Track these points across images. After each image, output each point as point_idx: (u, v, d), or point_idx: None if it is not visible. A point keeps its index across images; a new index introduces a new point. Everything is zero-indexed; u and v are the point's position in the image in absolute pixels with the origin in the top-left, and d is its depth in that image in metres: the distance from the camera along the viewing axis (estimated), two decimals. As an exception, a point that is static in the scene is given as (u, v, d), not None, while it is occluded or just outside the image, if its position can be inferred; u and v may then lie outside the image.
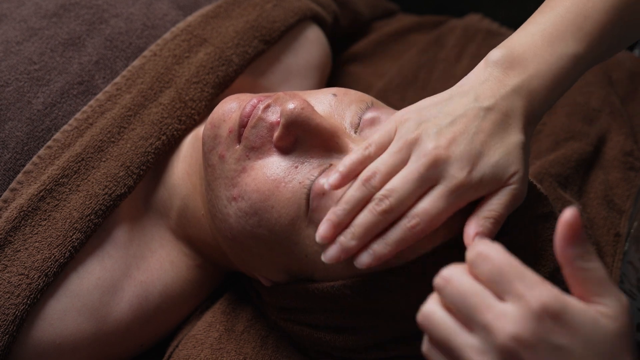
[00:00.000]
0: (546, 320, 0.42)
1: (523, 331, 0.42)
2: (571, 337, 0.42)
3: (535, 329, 0.42)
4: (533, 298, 0.42)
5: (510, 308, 0.43)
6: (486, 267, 0.44)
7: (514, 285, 0.43)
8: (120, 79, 0.75)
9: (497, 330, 0.42)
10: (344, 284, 0.58)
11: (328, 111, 0.63)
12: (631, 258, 0.81)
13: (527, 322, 0.42)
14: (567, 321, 0.42)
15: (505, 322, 0.42)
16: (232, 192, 0.62)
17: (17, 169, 0.69)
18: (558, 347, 0.42)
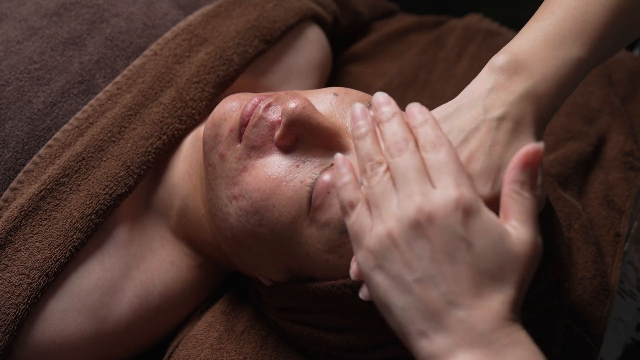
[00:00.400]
0: (460, 212, 0.48)
1: (436, 210, 0.48)
2: (476, 235, 0.48)
3: (446, 215, 0.48)
4: (456, 191, 0.48)
5: (435, 192, 0.49)
6: (434, 156, 0.50)
7: (447, 178, 0.49)
8: (120, 78, 0.75)
9: (416, 202, 0.48)
10: (344, 283, 0.58)
11: (329, 110, 0.63)
12: (631, 258, 0.81)
13: (441, 206, 0.48)
14: (478, 221, 0.48)
15: (425, 199, 0.48)
16: (233, 191, 0.62)
17: (17, 168, 0.69)
18: (462, 237, 0.47)
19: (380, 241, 0.49)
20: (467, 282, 0.47)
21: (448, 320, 0.47)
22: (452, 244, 0.48)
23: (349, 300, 0.59)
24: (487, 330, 0.47)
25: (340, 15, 1.00)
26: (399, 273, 0.48)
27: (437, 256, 0.48)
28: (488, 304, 0.47)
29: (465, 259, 0.47)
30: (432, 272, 0.48)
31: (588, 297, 0.75)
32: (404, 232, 0.48)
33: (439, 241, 0.48)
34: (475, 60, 1.03)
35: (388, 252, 0.49)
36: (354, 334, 0.61)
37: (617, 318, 0.76)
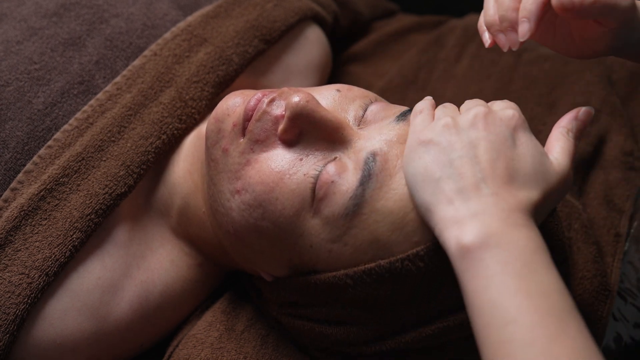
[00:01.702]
0: (514, 121, 0.57)
1: (496, 113, 0.57)
2: (522, 142, 0.56)
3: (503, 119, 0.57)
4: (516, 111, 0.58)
5: (509, 105, 0.59)
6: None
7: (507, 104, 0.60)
8: (120, 79, 0.75)
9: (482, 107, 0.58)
10: (346, 274, 0.58)
11: (332, 106, 0.63)
12: (631, 258, 0.81)
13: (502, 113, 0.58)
14: (527, 135, 0.57)
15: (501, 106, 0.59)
16: (236, 185, 0.62)
17: (17, 169, 0.69)
18: (510, 137, 0.56)
19: (443, 123, 0.57)
20: (502, 170, 0.54)
21: (475, 194, 0.53)
22: (500, 138, 0.55)
23: (350, 292, 0.59)
24: (508, 209, 0.52)
25: (340, 15, 1.00)
26: (448, 148, 0.55)
27: (484, 143, 0.55)
28: (514, 193, 0.53)
29: (507, 154, 0.55)
30: (474, 154, 0.55)
31: (588, 296, 0.75)
32: (466, 121, 0.57)
33: (491, 133, 0.55)
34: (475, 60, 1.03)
35: (446, 131, 0.56)
36: (355, 326, 0.61)
37: (617, 318, 0.76)
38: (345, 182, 0.58)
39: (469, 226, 0.51)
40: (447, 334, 0.59)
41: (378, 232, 0.57)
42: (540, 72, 0.99)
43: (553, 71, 0.99)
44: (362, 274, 0.58)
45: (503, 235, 0.51)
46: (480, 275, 0.50)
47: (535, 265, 0.50)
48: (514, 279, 0.49)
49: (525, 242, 0.51)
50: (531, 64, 1.01)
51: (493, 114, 0.57)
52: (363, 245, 0.58)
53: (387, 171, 0.58)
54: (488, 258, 0.50)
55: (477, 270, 0.50)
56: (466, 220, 0.52)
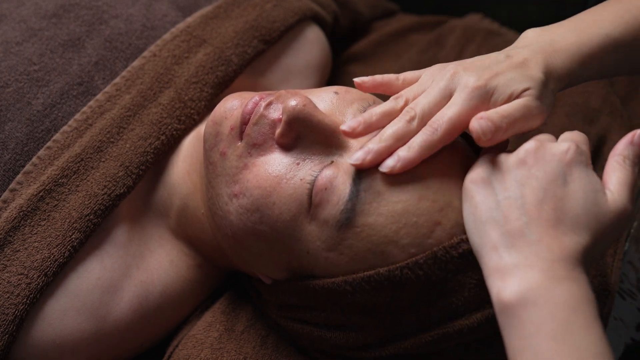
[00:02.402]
0: (569, 155, 0.54)
1: (547, 147, 0.54)
2: (574, 178, 0.53)
3: (561, 158, 0.53)
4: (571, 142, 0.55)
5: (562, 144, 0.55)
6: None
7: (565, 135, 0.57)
8: (119, 80, 0.75)
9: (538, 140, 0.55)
10: (344, 280, 0.58)
11: (329, 109, 0.63)
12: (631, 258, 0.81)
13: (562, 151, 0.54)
14: (581, 169, 0.53)
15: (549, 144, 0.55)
16: (234, 189, 0.62)
17: (16, 170, 0.69)
18: (561, 174, 0.53)
19: (489, 166, 0.55)
20: (549, 213, 0.51)
21: (520, 241, 0.51)
22: (549, 176, 0.52)
23: (348, 298, 0.59)
24: (551, 259, 0.50)
25: (340, 15, 1.00)
26: (495, 190, 0.53)
27: (532, 182, 0.52)
28: (561, 238, 0.51)
29: (556, 193, 0.52)
30: (521, 194, 0.52)
31: (588, 297, 0.75)
32: (515, 158, 0.54)
33: (539, 171, 0.53)
34: (475, 60, 1.03)
35: (494, 173, 0.54)
36: (354, 331, 0.61)
37: (617, 318, 0.76)
38: (338, 191, 0.58)
39: (509, 279, 0.50)
40: (447, 341, 0.59)
41: (373, 244, 0.57)
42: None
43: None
44: (360, 281, 0.58)
45: (542, 291, 0.49)
46: (517, 335, 0.49)
47: (574, 325, 0.48)
48: (548, 342, 0.47)
49: (565, 298, 0.48)
50: (531, 64, 1.01)
51: (545, 148, 0.54)
52: (359, 255, 0.58)
53: (377, 187, 0.57)
54: (525, 317, 0.49)
55: (514, 329, 0.49)
56: (508, 271, 0.50)
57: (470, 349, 0.60)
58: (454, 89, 0.58)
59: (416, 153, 0.56)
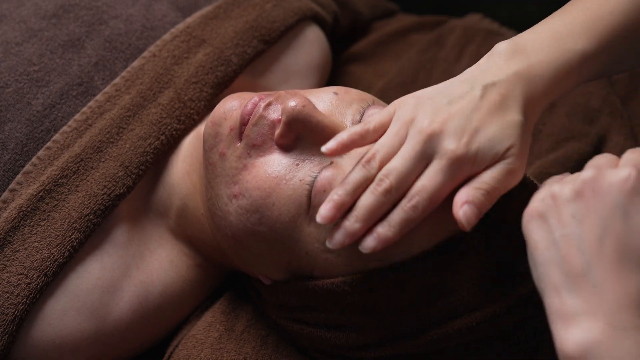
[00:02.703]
0: (630, 184, 0.48)
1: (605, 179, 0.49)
2: (637, 210, 0.48)
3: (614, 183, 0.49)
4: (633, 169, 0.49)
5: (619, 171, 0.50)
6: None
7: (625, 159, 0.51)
8: (119, 80, 0.75)
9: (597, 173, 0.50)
10: (343, 281, 0.58)
11: (329, 109, 0.63)
12: (631, 258, 0.81)
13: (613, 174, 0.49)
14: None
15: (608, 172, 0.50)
16: (233, 189, 0.62)
17: (16, 170, 0.69)
18: (622, 206, 0.48)
19: (550, 193, 0.51)
20: (612, 252, 0.47)
21: (581, 283, 0.48)
22: (610, 210, 0.48)
23: (348, 298, 0.59)
24: (615, 306, 0.47)
25: (340, 15, 1.00)
26: (552, 227, 0.50)
27: (590, 218, 0.48)
28: (625, 281, 0.47)
29: (617, 229, 0.48)
30: (579, 231, 0.48)
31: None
32: (571, 190, 0.50)
33: (598, 203, 0.49)
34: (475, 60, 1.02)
35: (551, 203, 0.50)
36: (354, 331, 0.61)
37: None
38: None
39: (572, 329, 0.47)
40: (447, 341, 0.59)
41: None
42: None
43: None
44: (359, 281, 0.58)
45: (606, 345, 0.46)
46: None
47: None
48: None
49: (630, 353, 0.46)
50: (531, 64, 1.01)
51: (603, 177, 0.49)
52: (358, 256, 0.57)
53: None
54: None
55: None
56: (570, 318, 0.48)
57: (470, 349, 0.60)
58: (432, 155, 0.54)
59: (397, 232, 0.53)
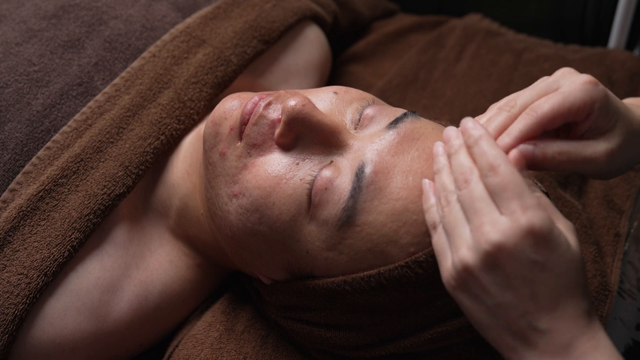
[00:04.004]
0: (530, 238, 0.48)
1: (507, 241, 0.48)
2: (548, 254, 0.49)
3: (518, 243, 0.48)
4: (524, 217, 0.48)
5: (503, 219, 0.49)
6: (494, 180, 0.50)
7: (512, 203, 0.49)
8: (119, 80, 0.75)
9: (486, 234, 0.49)
10: (344, 280, 0.58)
11: (329, 108, 0.63)
12: (631, 258, 0.81)
13: (513, 235, 0.48)
14: (546, 241, 0.48)
15: (495, 229, 0.49)
16: (233, 189, 0.62)
17: (16, 170, 0.69)
18: (534, 261, 0.48)
19: (457, 270, 0.51)
20: (545, 299, 0.49)
21: (531, 337, 0.50)
22: (526, 269, 0.49)
23: (348, 297, 0.59)
24: (567, 340, 0.49)
25: (340, 15, 1.01)
26: (480, 297, 0.51)
27: (513, 282, 0.49)
28: (566, 313, 0.49)
29: (541, 280, 0.49)
30: (509, 297, 0.50)
31: (588, 297, 0.75)
32: (478, 263, 0.50)
33: (513, 268, 0.49)
34: (475, 60, 1.03)
35: (467, 279, 0.51)
36: (354, 331, 0.61)
37: (617, 318, 0.76)
38: (338, 191, 0.58)
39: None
40: (446, 339, 0.59)
41: (373, 243, 0.57)
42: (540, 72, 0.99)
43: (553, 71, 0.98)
44: (360, 280, 0.58)
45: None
46: None
47: None
48: None
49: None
50: (531, 64, 1.01)
51: (503, 241, 0.49)
52: (359, 255, 0.58)
53: (378, 183, 0.57)
54: None
55: None
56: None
57: (470, 347, 0.60)
58: (561, 85, 0.56)
59: (514, 139, 0.54)
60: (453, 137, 0.55)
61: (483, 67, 1.02)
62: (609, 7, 1.12)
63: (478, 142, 0.52)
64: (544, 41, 1.09)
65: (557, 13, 1.18)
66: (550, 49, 1.05)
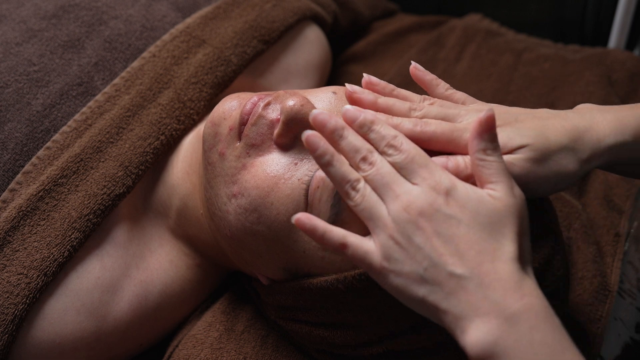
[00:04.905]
0: (441, 196, 0.52)
1: (422, 203, 0.52)
2: (460, 209, 0.51)
3: (433, 203, 0.52)
4: (432, 180, 0.52)
5: (415, 187, 0.53)
6: (399, 157, 0.54)
7: (421, 171, 0.53)
8: (119, 80, 0.75)
9: (404, 201, 0.52)
10: (336, 279, 0.58)
11: (328, 109, 0.63)
12: (631, 258, 0.81)
13: (424, 198, 0.52)
14: (457, 197, 0.52)
15: (410, 196, 0.52)
16: (232, 189, 0.62)
17: (16, 170, 0.69)
18: (449, 216, 0.51)
19: (384, 248, 0.52)
20: (468, 252, 0.51)
21: (462, 293, 0.50)
22: (444, 225, 0.51)
23: (342, 296, 0.59)
24: (498, 296, 0.49)
25: (340, 15, 1.01)
26: (410, 269, 0.52)
27: (434, 241, 0.51)
28: (494, 266, 0.50)
29: (459, 233, 0.51)
30: (434, 257, 0.51)
31: (588, 296, 0.75)
32: (401, 231, 0.52)
33: (432, 228, 0.51)
34: (475, 60, 1.03)
35: (394, 255, 0.52)
36: (352, 329, 0.61)
37: (616, 318, 0.76)
38: (328, 189, 0.58)
39: (470, 333, 0.50)
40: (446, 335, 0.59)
41: None
42: (540, 72, 0.99)
43: (553, 71, 0.99)
44: (351, 279, 0.58)
45: (505, 337, 0.49)
46: None
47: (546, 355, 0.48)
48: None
49: (530, 330, 0.49)
50: (531, 64, 1.01)
51: (418, 205, 0.52)
52: None
53: None
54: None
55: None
56: (466, 325, 0.50)
57: None
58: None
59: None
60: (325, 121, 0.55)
61: (483, 67, 1.02)
62: (609, 7, 1.12)
63: (372, 127, 0.55)
64: (544, 41, 1.09)
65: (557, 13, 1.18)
66: (550, 49, 1.05)
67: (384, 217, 0.53)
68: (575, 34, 1.17)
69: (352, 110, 0.56)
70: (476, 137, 0.53)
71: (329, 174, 0.54)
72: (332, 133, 0.55)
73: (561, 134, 0.57)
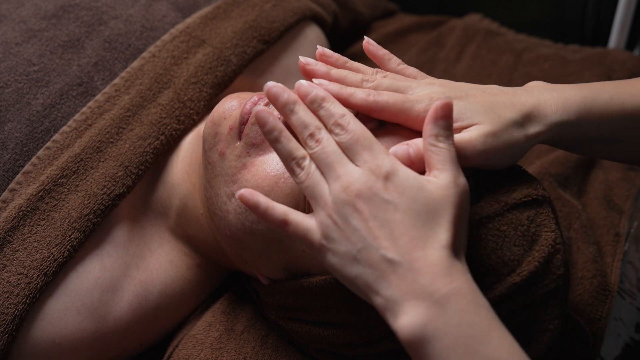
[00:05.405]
0: (380, 180, 0.52)
1: (359, 186, 0.52)
2: (399, 194, 0.52)
3: (369, 186, 0.52)
4: (373, 163, 0.53)
5: (356, 169, 0.53)
6: (345, 136, 0.54)
7: (364, 154, 0.53)
8: (119, 80, 0.75)
9: (344, 182, 0.53)
10: (333, 277, 0.58)
11: None
12: (631, 258, 0.81)
13: (363, 180, 0.52)
14: (396, 182, 0.52)
15: (350, 177, 0.53)
16: (232, 188, 0.62)
17: (16, 170, 0.69)
18: (387, 201, 0.52)
19: (323, 227, 0.53)
20: (402, 238, 0.51)
21: (392, 277, 0.51)
22: (380, 209, 0.52)
23: (340, 295, 0.59)
24: (428, 281, 0.50)
25: (340, 15, 1.01)
26: (345, 249, 0.52)
27: (370, 224, 0.52)
28: (425, 252, 0.51)
29: (395, 218, 0.52)
30: (369, 239, 0.52)
31: (588, 296, 0.75)
32: (339, 212, 0.53)
33: (368, 211, 0.52)
34: (475, 60, 1.03)
35: (331, 234, 0.53)
36: (351, 328, 0.61)
37: (616, 318, 0.76)
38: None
39: (401, 317, 0.50)
40: None
41: None
42: (540, 72, 0.99)
43: (553, 71, 0.99)
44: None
45: (435, 320, 0.49)
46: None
47: (476, 340, 0.49)
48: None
49: (458, 314, 0.50)
50: (531, 64, 1.01)
51: (357, 186, 0.52)
52: None
53: None
54: (430, 352, 0.50)
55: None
56: (397, 309, 0.51)
57: None
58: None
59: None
60: (279, 94, 0.56)
61: (483, 67, 1.02)
62: (609, 7, 1.12)
63: (322, 103, 0.55)
64: (544, 41, 1.09)
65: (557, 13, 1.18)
66: (550, 49, 1.05)
67: (325, 196, 0.53)
68: (575, 34, 1.17)
69: (305, 85, 0.56)
70: (430, 122, 0.54)
71: (276, 149, 0.55)
72: (283, 107, 0.56)
73: (510, 110, 0.58)
